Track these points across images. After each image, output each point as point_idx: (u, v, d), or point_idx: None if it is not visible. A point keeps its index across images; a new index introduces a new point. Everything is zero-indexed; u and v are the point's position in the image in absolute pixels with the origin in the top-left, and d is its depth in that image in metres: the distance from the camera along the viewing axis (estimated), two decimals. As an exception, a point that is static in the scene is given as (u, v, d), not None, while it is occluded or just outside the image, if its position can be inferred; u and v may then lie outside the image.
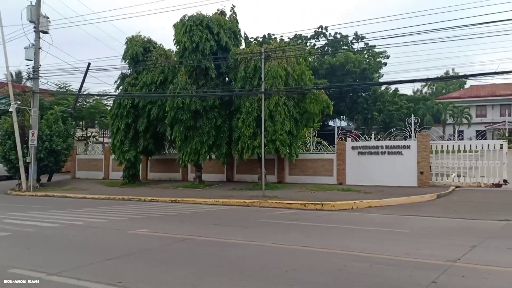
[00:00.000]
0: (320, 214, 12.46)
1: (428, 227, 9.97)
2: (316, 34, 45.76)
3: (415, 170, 17.91)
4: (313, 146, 20.96)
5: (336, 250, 7.34)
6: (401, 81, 36.78)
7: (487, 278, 5.52)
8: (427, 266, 6.14)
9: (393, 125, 41.11)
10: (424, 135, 18.35)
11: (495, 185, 17.03)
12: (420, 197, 14.84)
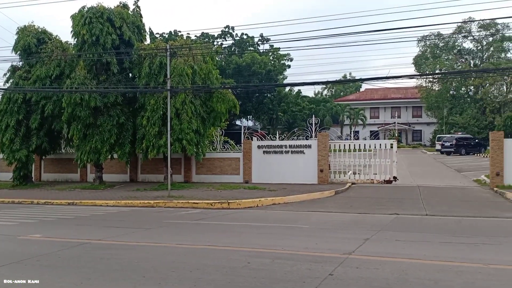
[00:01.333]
0: (226, 212, 12.52)
1: (326, 222, 10.50)
2: (223, 34, 46.05)
3: (315, 168, 18.77)
4: (220, 145, 21.05)
5: (240, 248, 7.40)
6: (304, 83, 38.43)
7: (378, 268, 5.93)
8: (325, 259, 6.44)
9: (296, 125, 42.87)
10: (323, 135, 19.32)
11: (386, 182, 18.48)
12: (320, 193, 15.60)
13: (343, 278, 5.47)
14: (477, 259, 6.37)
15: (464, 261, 6.26)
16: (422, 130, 62.70)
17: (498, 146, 16.25)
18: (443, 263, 6.18)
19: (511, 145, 16.21)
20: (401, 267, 5.92)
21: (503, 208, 12.31)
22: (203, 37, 42.26)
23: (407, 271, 5.74)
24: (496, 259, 6.35)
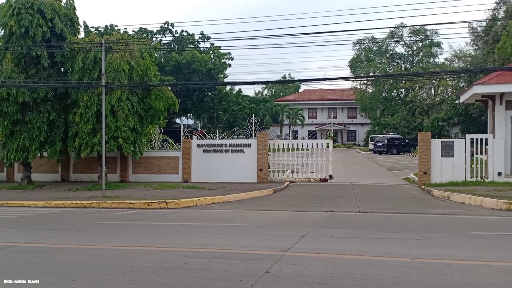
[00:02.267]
0: (164, 212, 12.29)
1: (265, 220, 10.62)
2: (163, 30, 45.13)
3: (255, 167, 18.93)
4: (159, 143, 20.61)
5: (177, 248, 7.29)
6: (244, 82, 38.61)
7: (313, 264, 6.08)
8: (262, 257, 6.50)
9: (237, 124, 42.95)
10: (263, 135, 19.53)
11: (322, 180, 19.01)
12: (259, 192, 15.75)
13: (279, 275, 5.55)
14: (405, 253, 6.71)
15: (393, 256, 6.57)
16: (356, 130, 65.25)
17: (426, 146, 17.24)
18: (374, 258, 6.45)
19: (437, 145, 17.25)
20: (334, 263, 6.11)
21: (430, 204, 13.07)
22: (141, 33, 41.17)
23: (340, 266, 5.93)
24: (422, 253, 6.72)
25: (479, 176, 16.88)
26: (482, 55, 36.45)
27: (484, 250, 7.07)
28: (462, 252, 6.90)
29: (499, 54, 23.39)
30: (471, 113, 35.83)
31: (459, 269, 5.74)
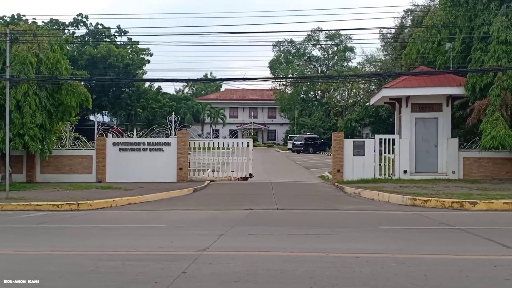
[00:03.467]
0: (76, 214, 11.63)
1: (183, 220, 10.46)
2: (76, 22, 42.70)
3: (174, 166, 18.59)
4: (70, 141, 19.43)
5: (88, 251, 6.93)
6: (164, 79, 37.74)
7: (230, 262, 6.09)
8: (179, 257, 6.38)
9: (156, 122, 41.92)
10: (183, 133, 19.24)
11: (243, 179, 19.19)
12: (179, 191, 15.49)
13: (195, 275, 5.48)
14: (319, 248, 6.96)
15: (308, 251, 6.79)
16: (276, 130, 66.82)
17: (339, 145, 18.08)
18: (289, 253, 6.62)
19: (350, 145, 18.16)
20: (251, 260, 6.17)
21: (342, 201, 13.72)
22: (52, 24, 38.60)
23: (257, 263, 6.00)
24: (335, 248, 7.02)
25: (387, 174, 18.05)
26: (391, 60, 39.02)
27: (390, 243, 7.56)
28: (370, 245, 7.31)
29: (405, 59, 25.17)
30: (381, 115, 38.22)
31: (367, 262, 6.07)
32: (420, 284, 5.08)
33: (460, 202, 12.00)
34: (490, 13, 16.38)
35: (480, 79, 16.35)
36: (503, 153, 17.48)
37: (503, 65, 15.45)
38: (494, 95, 15.53)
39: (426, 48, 21.69)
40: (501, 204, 11.75)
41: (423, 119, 18.42)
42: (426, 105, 18.44)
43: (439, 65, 21.18)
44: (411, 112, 18.47)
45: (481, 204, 11.81)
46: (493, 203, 11.79)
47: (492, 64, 15.74)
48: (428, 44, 21.42)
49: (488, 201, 11.91)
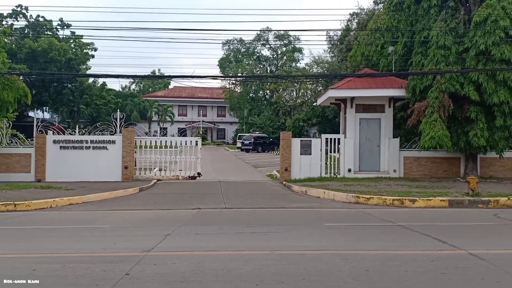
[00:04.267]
0: (12, 215, 10.99)
1: (128, 220, 10.18)
2: (15, 13, 40.46)
3: (120, 165, 18.06)
4: (7, 139, 18.36)
5: (26, 254, 6.58)
6: (108, 75, 36.55)
7: (176, 263, 5.99)
8: (122, 258, 6.20)
9: (100, 119, 40.51)
10: (129, 131, 18.73)
11: (191, 178, 18.98)
12: (124, 191, 15.07)
13: (139, 276, 5.34)
14: (265, 246, 7.01)
15: (254, 249, 6.82)
16: (225, 129, 66.71)
17: (287, 144, 18.32)
18: (236, 252, 6.61)
19: (297, 144, 18.45)
20: (198, 260, 6.10)
21: (290, 199, 13.90)
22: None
23: (203, 263, 5.94)
24: (280, 245, 7.09)
25: (333, 172, 18.51)
26: (337, 62, 40.08)
27: (335, 240, 7.75)
28: (316, 242, 7.45)
29: (351, 61, 25.95)
30: (327, 115, 39.18)
31: (312, 258, 6.19)
32: (362, 279, 5.24)
33: (401, 200, 12.53)
34: (430, 19, 17.19)
35: (420, 82, 17.13)
36: (440, 153, 18.42)
37: (441, 68, 16.28)
38: (433, 97, 16.32)
39: (370, 51, 22.46)
40: (438, 201, 12.37)
41: (367, 120, 19.05)
42: (369, 106, 19.07)
43: (382, 68, 22.00)
44: (355, 112, 19.04)
45: (420, 201, 12.38)
46: (431, 201, 12.39)
47: (431, 68, 16.54)
48: (372, 47, 22.19)
49: (427, 198, 12.51)
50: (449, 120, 16.51)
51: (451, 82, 16.22)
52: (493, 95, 15.76)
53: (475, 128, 16.21)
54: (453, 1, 16.88)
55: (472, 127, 16.31)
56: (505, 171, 18.35)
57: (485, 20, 15.86)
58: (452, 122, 16.79)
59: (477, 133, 16.08)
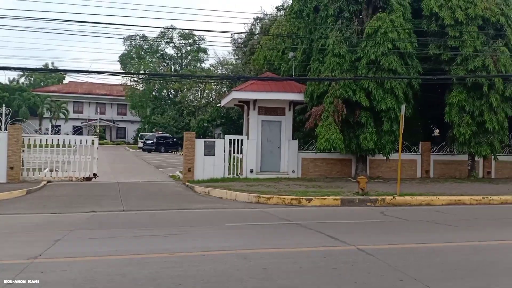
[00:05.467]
0: None
1: (13, 225, 9.29)
2: None
3: (4, 165, 16.46)
4: None
5: None
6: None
7: (66, 270, 5.60)
8: (4, 267, 5.64)
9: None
10: (16, 128, 17.17)
11: (86, 179, 17.92)
12: (9, 193, 13.74)
13: (23, 286, 4.90)
14: (164, 249, 6.85)
15: (153, 253, 6.63)
16: (126, 128, 64.23)
17: (191, 145, 18.16)
18: (133, 256, 6.37)
19: (201, 145, 18.37)
20: (91, 266, 5.77)
21: (192, 200, 13.77)
22: None
23: (96, 269, 5.63)
24: (181, 247, 6.99)
25: (235, 173, 18.75)
26: (241, 64, 40.73)
27: (235, 240, 7.83)
28: (216, 243, 7.47)
29: (254, 65, 26.58)
30: (231, 116, 39.60)
31: (212, 259, 6.19)
32: (260, 278, 5.36)
33: (298, 199, 13.08)
34: (327, 28, 18.22)
35: (317, 87, 18.08)
36: (335, 155, 19.59)
37: (336, 75, 17.33)
38: (328, 102, 17.32)
39: (272, 56, 23.20)
40: (331, 200, 13.14)
41: (269, 122, 19.62)
42: (271, 109, 19.67)
43: (283, 72, 22.84)
44: (258, 114, 19.50)
45: (316, 200, 13.04)
46: (325, 199, 13.12)
47: (327, 74, 17.54)
48: (274, 52, 22.95)
49: (321, 197, 13.21)
50: (342, 124, 17.64)
51: (345, 88, 17.35)
52: (381, 102, 17.17)
53: (365, 132, 17.52)
54: (348, 12, 18.07)
55: (363, 131, 17.61)
56: (391, 172, 20.05)
57: (376, 31, 17.23)
58: (345, 126, 17.97)
59: (367, 137, 17.40)
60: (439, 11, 18.20)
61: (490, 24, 18.17)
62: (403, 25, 17.55)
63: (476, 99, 18.32)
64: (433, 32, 18.73)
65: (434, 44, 18.72)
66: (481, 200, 13.87)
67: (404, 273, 5.62)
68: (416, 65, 18.27)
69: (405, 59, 17.82)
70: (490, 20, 17.98)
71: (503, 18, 18.08)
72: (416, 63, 18.31)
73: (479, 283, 5.26)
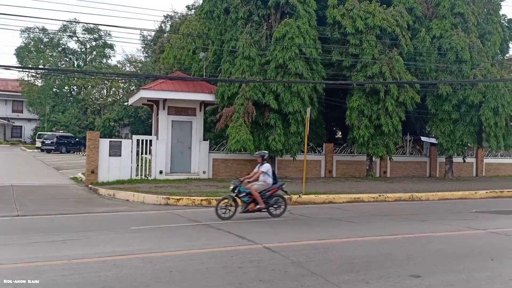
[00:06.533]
0: None
1: None
2: None
3: None
4: None
5: None
6: None
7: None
8: None
9: None
10: None
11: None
12: None
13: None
14: (63, 255, 6.45)
15: (50, 260, 6.21)
16: (23, 126, 59.30)
17: (94, 145, 17.27)
18: (28, 264, 5.92)
19: (106, 145, 17.54)
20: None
21: (95, 203, 13.12)
22: None
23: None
24: (81, 253, 6.63)
25: (144, 175, 18.21)
26: (151, 62, 39.69)
27: (140, 243, 7.60)
28: (120, 247, 7.19)
29: (164, 63, 26.04)
30: (140, 116, 38.39)
31: (115, 264, 5.95)
32: (164, 281, 5.26)
33: (208, 200, 13.07)
34: (238, 30, 18.45)
35: (228, 89, 18.22)
36: (245, 155, 19.87)
37: (246, 77, 17.60)
38: (239, 103, 17.54)
39: (182, 55, 22.93)
40: (241, 200, 13.30)
41: (179, 122, 19.34)
42: (182, 109, 19.41)
43: (194, 72, 22.68)
44: (168, 114, 19.14)
45: (225, 200, 13.11)
46: (235, 199, 13.25)
47: (238, 76, 17.75)
48: (185, 51, 22.70)
49: (231, 197, 13.31)
50: (252, 125, 17.97)
51: (255, 91, 17.70)
52: (289, 105, 17.78)
53: (273, 134, 18.01)
54: (258, 16, 18.44)
55: (272, 133, 18.09)
56: (297, 172, 20.83)
57: (284, 36, 17.79)
58: (255, 127, 18.33)
59: (275, 138, 17.91)
60: (341, 19, 19.31)
61: (386, 34, 19.67)
62: (309, 31, 18.34)
63: (374, 103, 19.73)
64: (336, 39, 19.83)
65: (337, 51, 19.81)
66: (378, 198, 14.97)
67: (306, 269, 5.88)
68: (320, 70, 19.19)
69: (311, 64, 18.65)
70: (387, 30, 19.46)
71: (398, 28, 19.66)
72: (321, 69, 19.23)
73: (373, 275, 5.67)
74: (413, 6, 20.71)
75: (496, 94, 20.08)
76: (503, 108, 20.17)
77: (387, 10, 19.94)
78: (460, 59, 20.15)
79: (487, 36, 21.74)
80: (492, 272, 5.84)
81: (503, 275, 5.70)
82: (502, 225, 9.86)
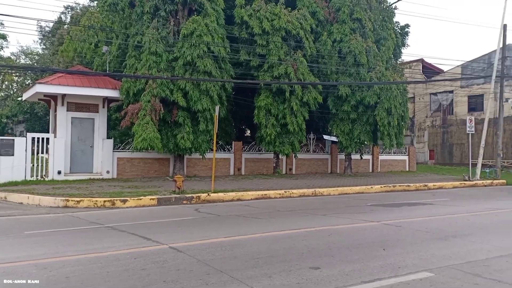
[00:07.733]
0: None
1: None
2: None
3: None
4: None
5: None
6: None
7: None
8: None
9: None
10: None
11: None
12: None
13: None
14: None
15: None
16: None
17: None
18: None
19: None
20: None
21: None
22: None
23: None
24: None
25: (40, 175, 16.98)
26: (49, 55, 37.00)
27: (35, 249, 7.06)
28: (11, 254, 6.62)
29: (63, 56, 24.39)
30: (37, 112, 35.66)
31: (5, 272, 5.46)
32: (60, 287, 4.95)
33: (112, 201, 12.53)
34: (143, 25, 17.90)
35: (134, 85, 17.62)
36: (152, 154, 19.40)
37: (153, 74, 17.16)
38: (146, 100, 17.05)
39: (83, 48, 21.71)
40: (148, 200, 12.96)
41: (80, 119, 18.32)
42: (83, 105, 18.40)
43: (97, 67, 21.58)
44: (67, 111, 18.03)
45: (131, 201, 12.69)
46: (141, 200, 12.88)
47: (144, 72, 17.24)
48: (86, 44, 21.51)
49: (137, 198, 12.92)
50: (160, 123, 17.60)
51: (162, 87, 17.33)
52: (198, 103, 17.67)
53: (182, 132, 17.80)
54: (165, 12, 18.06)
55: (180, 131, 17.85)
56: (206, 170, 20.82)
57: (192, 33, 17.64)
58: (163, 125, 17.97)
59: (184, 136, 17.71)
60: (249, 20, 19.65)
61: (291, 36, 20.40)
62: (217, 30, 18.38)
63: (280, 103, 20.37)
64: (244, 39, 20.13)
65: (245, 51, 20.12)
66: (284, 194, 15.48)
67: (212, 267, 5.89)
68: (229, 69, 19.35)
69: (219, 63, 18.71)
70: (292, 32, 20.17)
71: (302, 31, 20.48)
72: (229, 67, 19.40)
73: (275, 269, 5.85)
74: (316, 10, 21.72)
75: (389, 95, 21.81)
76: (396, 108, 21.98)
77: (292, 12, 20.69)
78: (358, 63, 21.56)
79: (382, 41, 23.53)
80: (383, 261, 6.32)
81: (393, 263, 6.20)
82: (394, 217, 10.73)
